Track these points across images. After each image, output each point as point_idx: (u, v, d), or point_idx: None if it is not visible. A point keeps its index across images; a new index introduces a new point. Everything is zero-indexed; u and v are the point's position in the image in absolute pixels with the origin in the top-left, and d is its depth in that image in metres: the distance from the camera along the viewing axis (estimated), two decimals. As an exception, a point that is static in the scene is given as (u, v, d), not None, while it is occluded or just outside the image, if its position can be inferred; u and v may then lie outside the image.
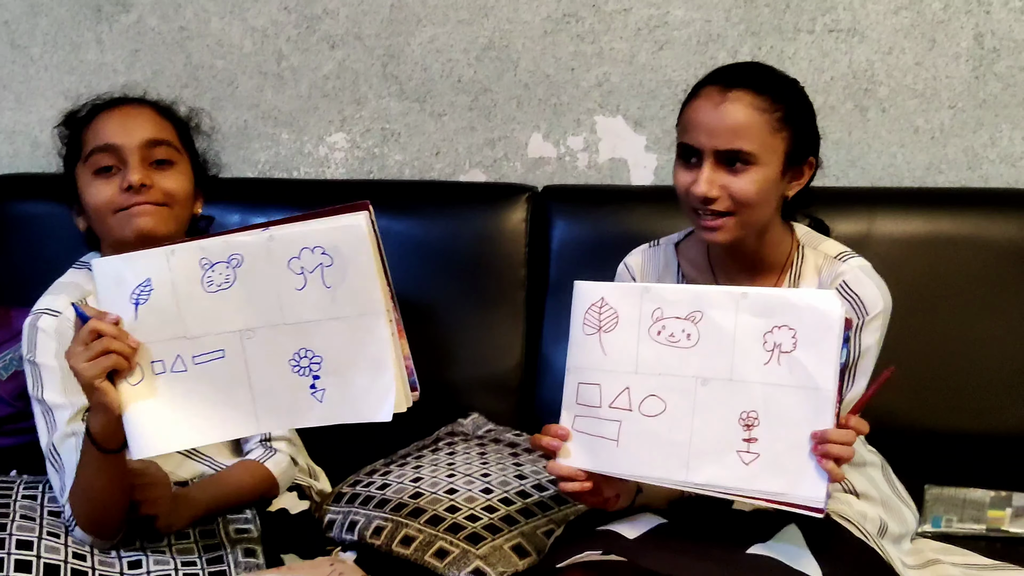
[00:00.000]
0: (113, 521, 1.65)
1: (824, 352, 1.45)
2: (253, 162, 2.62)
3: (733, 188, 1.61)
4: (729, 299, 1.49)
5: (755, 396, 1.48)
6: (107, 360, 1.48)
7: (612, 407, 1.54)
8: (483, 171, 2.53)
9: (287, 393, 1.50)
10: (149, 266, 1.51)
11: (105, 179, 1.71)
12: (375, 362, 1.47)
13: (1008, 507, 1.97)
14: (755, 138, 1.60)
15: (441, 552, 1.77)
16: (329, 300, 1.47)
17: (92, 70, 2.62)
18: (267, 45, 2.55)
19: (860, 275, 1.68)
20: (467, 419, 2.23)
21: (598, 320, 1.55)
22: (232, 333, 1.50)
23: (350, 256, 1.45)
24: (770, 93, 1.62)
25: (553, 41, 2.44)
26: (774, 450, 1.47)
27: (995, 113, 2.31)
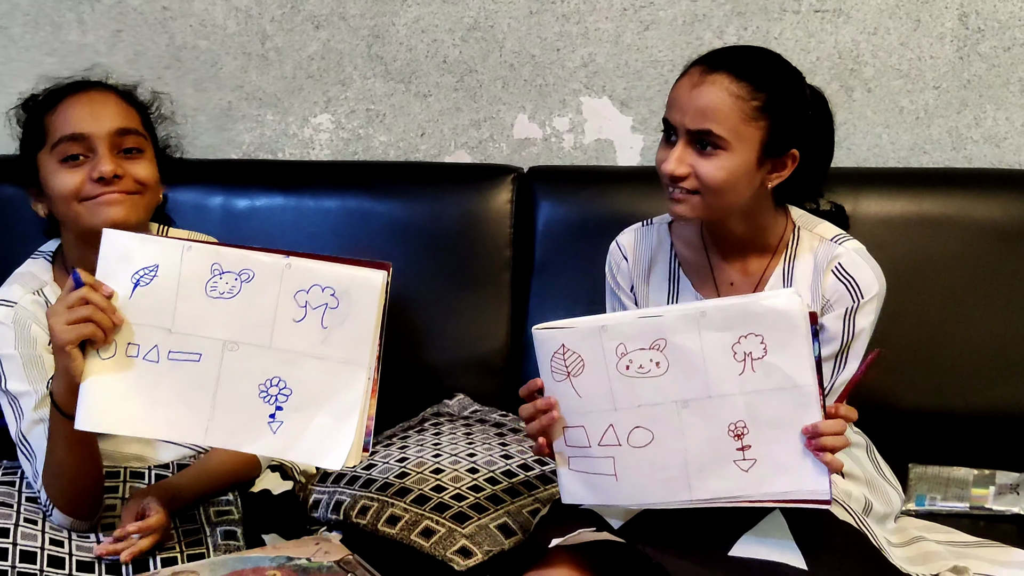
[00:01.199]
0: (87, 500, 1.65)
1: (795, 350, 1.44)
2: (237, 143, 2.60)
3: (700, 170, 1.60)
4: (688, 321, 1.47)
5: (738, 406, 1.48)
6: (85, 328, 1.48)
7: (601, 445, 1.54)
8: (468, 152, 2.52)
9: (245, 415, 1.51)
10: (162, 253, 1.52)
11: (73, 168, 1.68)
12: (343, 411, 1.49)
13: (991, 485, 1.99)
14: (725, 123, 1.59)
15: (427, 531, 1.77)
16: (321, 339, 1.48)
17: (73, 51, 2.59)
18: (251, 25, 2.53)
19: (856, 258, 1.68)
20: (453, 400, 2.23)
21: (564, 366, 1.53)
22: (216, 341, 1.51)
23: (356, 306, 1.47)
24: (751, 80, 1.61)
25: (538, 21, 2.43)
26: (770, 453, 1.48)
27: (979, 94, 2.31)
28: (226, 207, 2.38)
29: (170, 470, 1.80)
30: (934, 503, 1.97)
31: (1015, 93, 2.30)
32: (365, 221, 2.33)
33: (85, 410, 1.51)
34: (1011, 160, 2.33)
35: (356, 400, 1.48)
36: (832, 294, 1.68)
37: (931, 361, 2.11)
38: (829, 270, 1.68)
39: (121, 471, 1.78)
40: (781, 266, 1.72)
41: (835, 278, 1.68)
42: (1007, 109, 2.31)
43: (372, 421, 1.51)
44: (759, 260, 1.73)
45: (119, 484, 1.75)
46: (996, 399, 2.10)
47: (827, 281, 1.68)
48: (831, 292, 1.68)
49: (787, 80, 1.66)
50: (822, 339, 1.68)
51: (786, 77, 1.66)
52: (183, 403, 1.51)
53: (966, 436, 2.10)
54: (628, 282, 1.82)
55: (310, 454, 1.50)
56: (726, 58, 1.64)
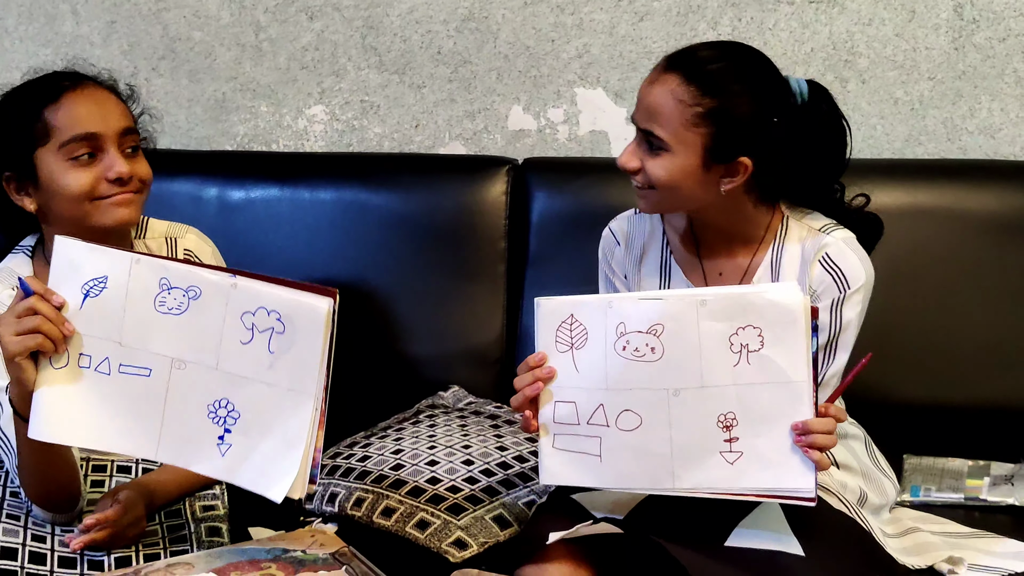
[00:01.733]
0: (62, 495, 1.65)
1: (792, 345, 1.44)
2: (232, 135, 2.60)
3: (646, 167, 1.62)
4: (688, 309, 1.47)
5: (729, 398, 1.47)
6: (33, 339, 1.47)
7: (590, 424, 1.53)
8: (463, 143, 2.52)
9: (195, 434, 1.49)
10: (112, 265, 1.50)
11: (85, 167, 1.66)
12: (288, 439, 1.46)
13: (986, 476, 1.99)
14: (667, 126, 1.59)
15: (422, 523, 1.77)
16: (267, 364, 1.46)
17: (68, 42, 2.59)
18: (245, 16, 2.53)
19: (843, 248, 1.67)
20: (447, 392, 2.23)
21: (570, 337, 1.53)
22: (164, 357, 1.49)
23: (302, 333, 1.44)
24: (700, 85, 1.58)
25: (533, 12, 2.43)
26: (756, 447, 1.47)
27: (974, 84, 2.31)
28: (221, 199, 2.37)
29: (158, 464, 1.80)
30: (929, 494, 1.97)
31: (1010, 84, 2.30)
32: (360, 213, 2.33)
33: (38, 420, 1.50)
34: (1006, 151, 2.33)
35: (302, 430, 1.45)
36: (819, 284, 1.67)
37: (926, 352, 2.11)
38: (816, 260, 1.67)
39: (108, 464, 1.77)
40: (769, 256, 1.71)
41: (822, 268, 1.66)
42: (1002, 100, 2.31)
43: (319, 453, 1.47)
44: (746, 250, 1.73)
45: (105, 478, 1.75)
46: (991, 390, 2.10)
47: (814, 271, 1.67)
48: (818, 282, 1.67)
49: (743, 87, 1.60)
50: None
51: (745, 83, 1.60)
52: (134, 417, 1.50)
53: (961, 427, 2.10)
54: (622, 268, 1.82)
55: (255, 482, 1.48)
56: (685, 58, 1.62)
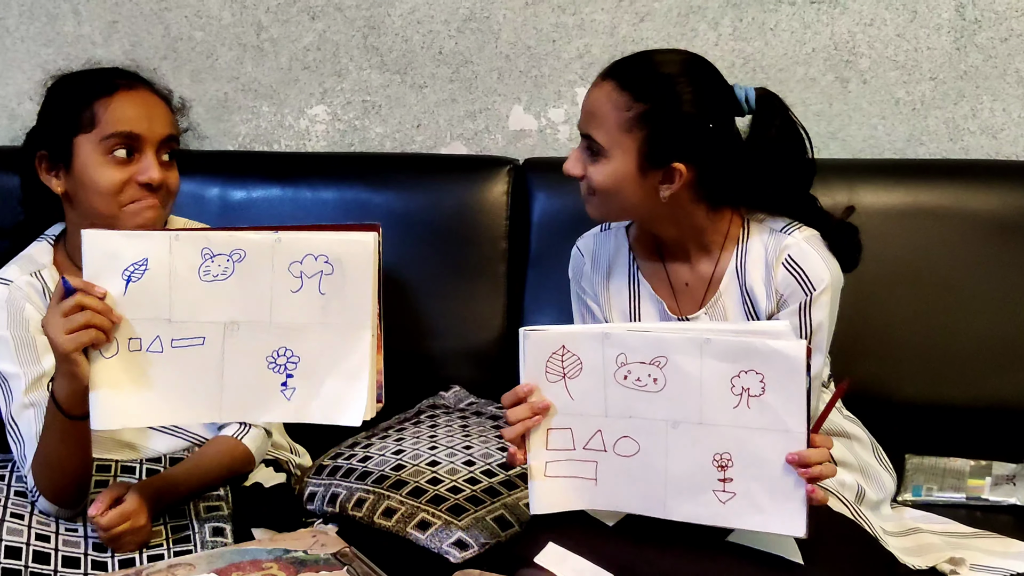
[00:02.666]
0: (75, 490, 1.66)
1: (793, 394, 1.43)
2: (233, 135, 2.60)
3: (588, 173, 1.65)
4: (692, 346, 1.46)
5: (727, 438, 1.47)
6: (86, 335, 1.48)
7: (586, 449, 1.54)
8: (464, 143, 2.52)
9: (257, 388, 1.53)
10: (150, 247, 1.52)
11: (120, 165, 1.68)
12: (352, 371, 1.52)
13: (987, 476, 1.99)
14: (604, 131, 1.61)
15: (423, 524, 1.77)
16: (320, 306, 1.51)
17: (69, 42, 2.59)
18: (246, 16, 2.53)
19: (805, 248, 1.65)
20: (449, 392, 2.23)
21: (562, 367, 1.52)
22: (216, 324, 1.52)
23: (351, 269, 1.49)
24: (632, 90, 1.60)
25: (534, 12, 2.42)
26: (750, 490, 1.48)
27: (976, 85, 2.31)
28: (223, 198, 2.38)
29: (162, 464, 1.80)
30: (931, 494, 1.97)
31: (1012, 84, 2.30)
32: (361, 212, 2.33)
33: (99, 411, 1.52)
34: (1008, 151, 2.32)
35: (364, 359, 1.51)
36: (785, 288, 1.66)
37: (928, 352, 2.11)
38: (780, 262, 1.65)
39: (112, 465, 1.78)
40: (733, 262, 1.70)
41: (785, 271, 1.65)
42: (1004, 100, 2.31)
43: (381, 375, 1.54)
44: (707, 259, 1.72)
45: (108, 478, 1.75)
46: (993, 390, 2.10)
47: (778, 274, 1.66)
48: (783, 286, 1.66)
49: (677, 93, 1.60)
50: None
51: (679, 89, 1.60)
52: (193, 386, 1.53)
53: (963, 427, 2.10)
54: (591, 286, 1.82)
55: (326, 414, 1.54)
56: (620, 66, 1.65)
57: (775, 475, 1.46)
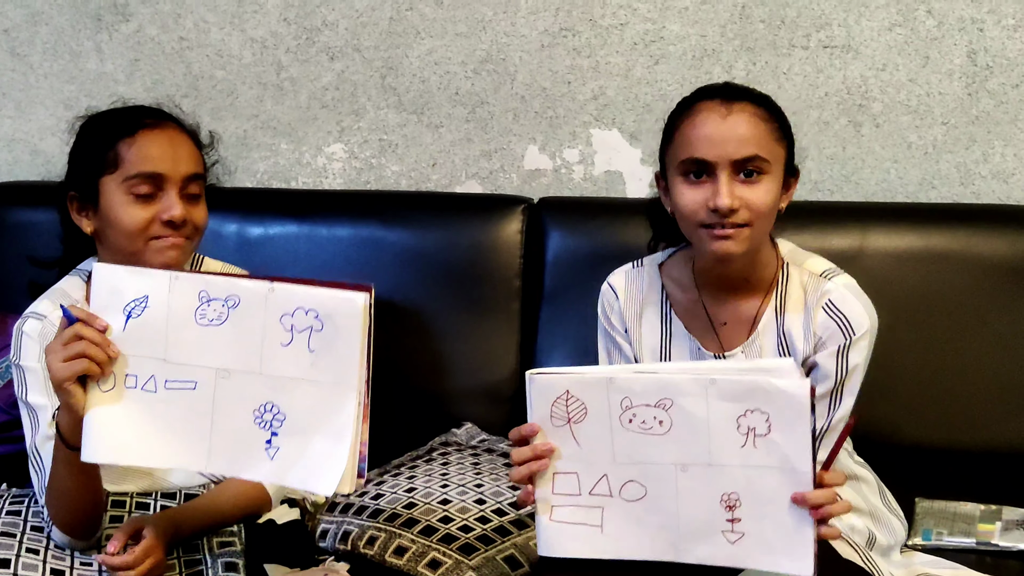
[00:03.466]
0: (85, 523, 1.67)
1: (798, 433, 1.43)
2: (252, 172, 2.63)
3: (749, 198, 1.60)
4: (697, 387, 1.45)
5: (736, 478, 1.47)
6: (80, 364, 1.49)
7: (592, 494, 1.52)
8: (479, 182, 2.54)
9: (243, 441, 1.51)
10: (152, 284, 1.52)
11: (144, 204, 1.70)
12: (335, 434, 1.47)
13: (998, 521, 1.98)
14: (764, 146, 1.61)
15: (434, 563, 1.78)
16: (309, 363, 1.47)
17: (92, 79, 2.63)
18: (267, 56, 2.57)
19: (846, 294, 1.67)
20: (461, 429, 2.25)
21: (566, 412, 1.50)
22: (208, 368, 1.51)
23: (340, 328, 1.46)
24: (766, 106, 1.65)
25: (550, 55, 2.46)
26: (759, 529, 1.47)
27: (987, 130, 2.33)
28: (240, 234, 2.40)
29: (177, 499, 1.81)
30: (940, 538, 1.97)
31: (1023, 129, 2.31)
32: (377, 250, 2.35)
33: (90, 442, 1.52)
34: (1019, 196, 2.33)
35: (348, 423, 1.47)
36: (824, 331, 1.67)
37: (938, 395, 2.12)
38: (820, 307, 1.67)
39: (127, 500, 1.79)
40: (773, 304, 1.72)
41: (826, 315, 1.67)
42: (1015, 145, 2.32)
43: (365, 447, 1.48)
44: (751, 300, 1.73)
45: (124, 514, 1.77)
46: (1003, 434, 2.10)
47: (818, 318, 1.67)
48: (822, 329, 1.67)
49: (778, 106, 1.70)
50: (817, 377, 1.68)
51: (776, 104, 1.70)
52: (183, 432, 1.52)
53: (973, 471, 2.09)
54: (621, 323, 1.81)
55: (304, 480, 1.49)
56: (731, 90, 1.66)
57: (782, 514, 1.46)
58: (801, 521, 1.46)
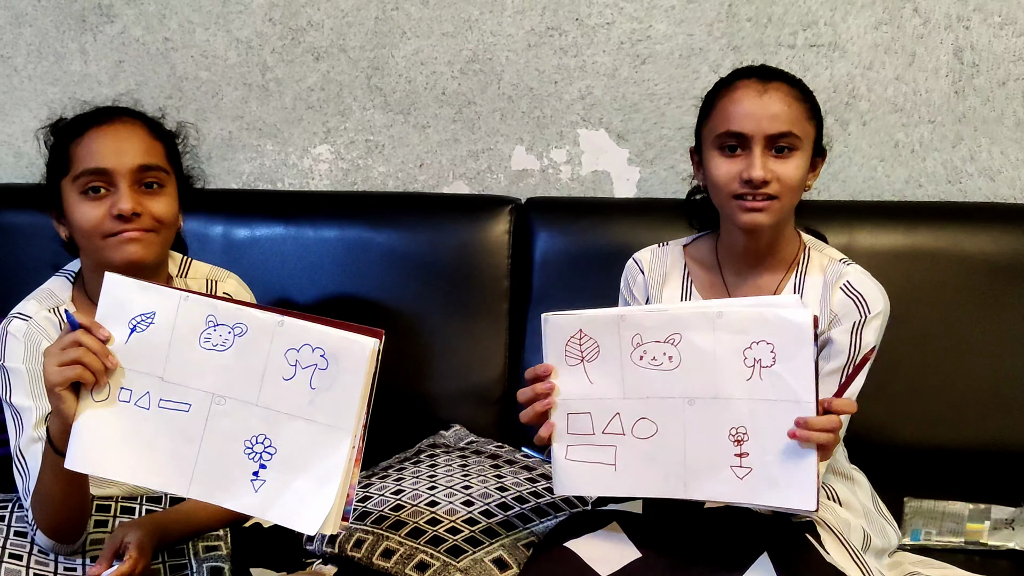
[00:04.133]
0: (71, 527, 1.66)
1: (802, 364, 1.46)
2: (238, 173, 2.62)
3: (781, 172, 1.68)
4: (705, 320, 1.50)
5: (742, 412, 1.50)
6: (72, 370, 1.49)
7: (605, 433, 1.56)
8: (466, 183, 2.54)
9: (229, 471, 1.49)
10: (161, 301, 1.52)
11: (94, 201, 1.69)
12: (324, 475, 1.46)
13: (986, 520, 1.98)
14: (797, 124, 1.69)
15: (422, 565, 1.77)
16: (308, 401, 1.47)
17: (76, 81, 2.62)
18: (252, 56, 2.55)
19: (863, 276, 1.76)
20: (449, 431, 2.24)
21: (580, 351, 1.56)
22: (205, 393, 1.50)
23: (345, 370, 1.45)
24: (799, 88, 1.73)
25: (536, 55, 2.45)
26: (765, 463, 1.49)
27: (974, 127, 2.33)
28: (226, 236, 2.39)
29: (162, 504, 1.80)
30: (929, 537, 1.97)
31: (1009, 127, 2.31)
32: (364, 251, 2.34)
33: (75, 450, 1.51)
34: (1005, 194, 2.34)
35: (338, 466, 1.46)
36: (840, 308, 1.73)
37: (926, 395, 2.12)
38: (838, 287, 1.74)
39: (112, 504, 1.78)
40: (792, 282, 1.77)
41: (843, 294, 1.73)
42: (1001, 143, 2.32)
43: (354, 491, 1.48)
44: (771, 277, 1.78)
45: (108, 519, 1.76)
46: (991, 433, 2.10)
47: (835, 297, 1.74)
48: (839, 307, 1.73)
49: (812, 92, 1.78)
50: (830, 352, 1.73)
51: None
52: (170, 453, 1.51)
53: (961, 470, 2.10)
54: (644, 295, 1.86)
55: (287, 517, 1.47)
56: (768, 71, 1.75)
57: (787, 447, 1.48)
58: (805, 454, 1.47)
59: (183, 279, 1.83)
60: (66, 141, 1.73)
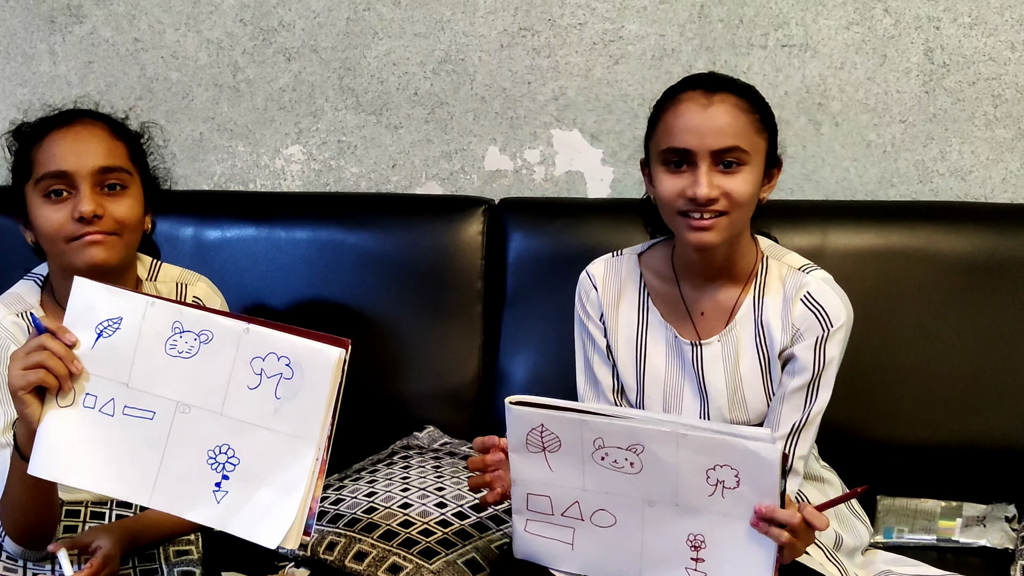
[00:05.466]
0: (39, 534, 1.64)
1: (767, 490, 1.44)
2: (209, 174, 2.60)
3: (728, 187, 1.62)
4: (669, 439, 1.46)
5: (701, 522, 1.49)
6: (35, 374, 1.47)
7: (564, 516, 1.55)
8: (440, 184, 2.53)
9: (191, 481, 1.48)
10: (127, 306, 1.50)
11: (56, 204, 1.67)
12: (287, 486, 1.45)
13: (958, 517, 2.00)
14: (744, 137, 1.64)
15: (395, 567, 1.77)
16: (272, 410, 1.45)
17: (45, 82, 2.59)
18: (222, 57, 2.54)
19: (824, 287, 1.71)
20: (422, 432, 2.23)
21: (541, 442, 1.52)
22: (169, 401, 1.49)
23: (310, 379, 1.44)
24: (748, 96, 1.68)
25: (509, 55, 2.45)
26: (721, 571, 1.49)
27: (945, 127, 2.34)
28: (197, 238, 2.37)
29: (132, 508, 1.79)
30: (902, 535, 1.98)
31: (980, 127, 2.33)
32: (336, 252, 2.33)
33: (39, 456, 1.50)
34: (976, 193, 2.35)
35: (301, 477, 1.44)
36: (802, 323, 1.70)
37: (898, 392, 2.12)
38: (798, 299, 1.70)
39: (81, 510, 1.77)
40: (752, 295, 1.74)
41: (804, 307, 1.69)
42: (972, 143, 2.34)
43: (317, 503, 1.46)
44: (730, 290, 1.75)
45: (78, 524, 1.74)
46: (963, 431, 2.11)
47: (796, 310, 1.70)
48: (800, 321, 1.70)
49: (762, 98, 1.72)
50: (794, 369, 1.70)
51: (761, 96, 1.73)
52: (132, 461, 1.49)
53: (933, 468, 2.10)
54: (597, 311, 1.82)
55: (249, 529, 1.46)
56: (715, 80, 1.69)
57: (745, 560, 1.47)
58: (763, 565, 1.47)
59: (152, 283, 1.82)
60: (28, 145, 1.72)
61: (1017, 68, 2.29)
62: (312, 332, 1.46)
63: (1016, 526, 1.97)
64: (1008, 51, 2.29)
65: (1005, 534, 1.96)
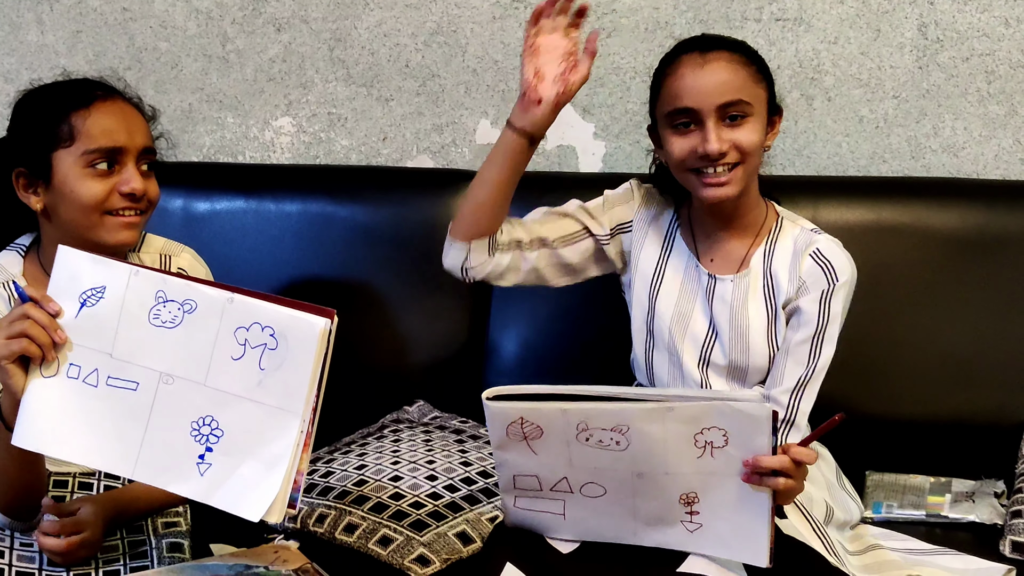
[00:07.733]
0: (26, 504, 1.64)
1: (757, 447, 1.44)
2: (198, 146, 2.58)
3: (738, 139, 1.69)
4: (655, 415, 1.45)
5: (692, 482, 1.49)
6: (17, 344, 1.46)
7: (553, 491, 1.55)
8: (430, 157, 2.51)
9: (175, 453, 1.47)
10: (111, 275, 1.49)
11: (100, 177, 1.66)
12: (271, 459, 1.43)
13: (947, 493, 2.00)
14: (745, 89, 1.70)
15: (385, 540, 1.76)
16: (256, 382, 1.44)
17: (32, 51, 2.57)
18: (212, 27, 2.52)
19: (833, 246, 1.78)
20: (413, 406, 2.23)
21: (522, 432, 1.50)
22: (153, 371, 1.47)
23: (294, 350, 1.42)
24: (741, 51, 1.74)
25: (501, 27, 2.43)
26: (716, 525, 1.50)
27: (938, 103, 2.33)
28: (186, 210, 2.36)
29: (120, 480, 1.78)
30: (891, 511, 1.98)
31: (973, 103, 2.32)
32: (326, 225, 2.32)
33: (22, 427, 1.49)
34: (968, 170, 2.35)
35: (286, 450, 1.43)
36: (808, 276, 1.75)
37: (888, 368, 2.12)
38: (807, 254, 1.76)
39: (69, 480, 1.76)
40: (763, 248, 1.79)
41: (812, 261, 1.75)
42: (965, 119, 2.33)
43: (302, 477, 1.45)
44: (741, 242, 1.80)
45: (66, 494, 1.73)
46: (953, 407, 2.11)
47: (804, 264, 1.76)
48: (808, 274, 1.75)
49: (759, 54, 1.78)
50: (799, 322, 1.74)
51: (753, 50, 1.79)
52: (116, 432, 1.48)
53: (923, 444, 2.11)
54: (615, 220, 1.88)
55: (233, 503, 1.45)
56: (708, 41, 1.76)
57: (739, 508, 1.48)
58: (758, 513, 1.47)
59: (136, 254, 1.81)
60: (64, 111, 1.68)
61: (1011, 44, 2.29)
62: (297, 302, 1.44)
63: (1005, 502, 1.97)
64: (1002, 27, 2.28)
65: (994, 509, 1.96)
